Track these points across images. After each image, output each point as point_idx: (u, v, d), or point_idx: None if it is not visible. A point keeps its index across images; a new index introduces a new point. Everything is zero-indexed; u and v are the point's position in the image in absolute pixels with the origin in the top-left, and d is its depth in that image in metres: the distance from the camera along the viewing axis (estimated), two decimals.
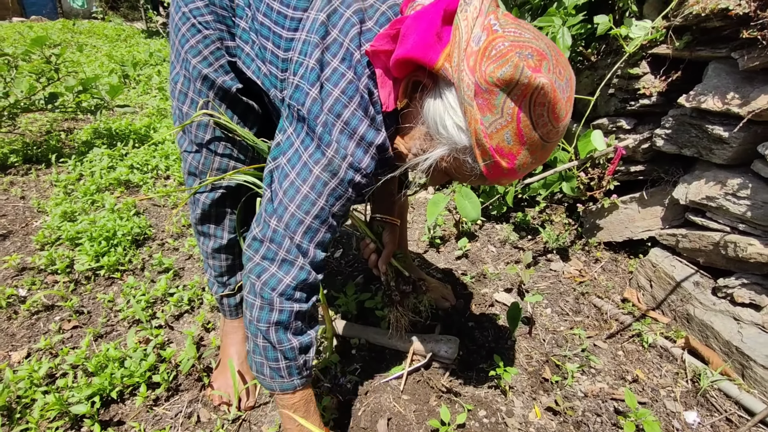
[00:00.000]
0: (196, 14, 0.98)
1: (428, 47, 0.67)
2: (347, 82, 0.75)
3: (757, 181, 1.33)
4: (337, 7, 0.76)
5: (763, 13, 1.21)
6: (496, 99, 0.63)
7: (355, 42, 0.75)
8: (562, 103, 0.64)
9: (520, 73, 0.60)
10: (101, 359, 1.27)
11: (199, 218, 1.19)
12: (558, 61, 0.65)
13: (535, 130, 0.65)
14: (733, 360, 1.32)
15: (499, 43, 0.63)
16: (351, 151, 0.77)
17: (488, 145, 0.67)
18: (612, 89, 1.75)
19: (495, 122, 0.65)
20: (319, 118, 0.76)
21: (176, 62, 1.05)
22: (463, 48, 0.65)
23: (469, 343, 1.43)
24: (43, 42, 2.55)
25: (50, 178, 2.50)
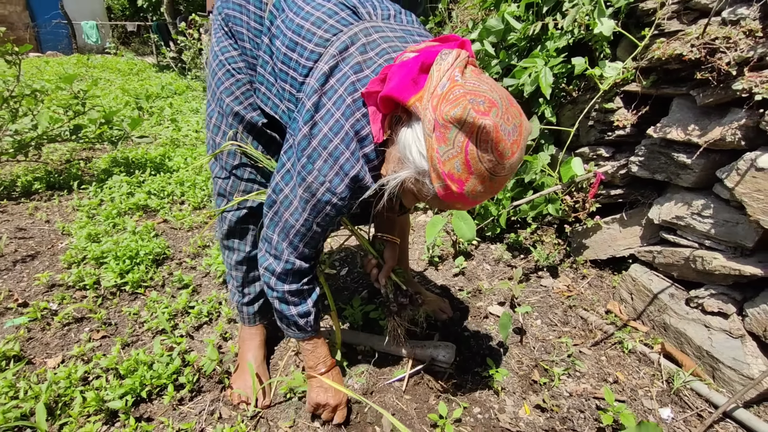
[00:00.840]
0: (231, 62, 1.19)
1: (404, 89, 0.84)
2: (335, 121, 0.93)
3: (718, 202, 1.50)
4: (339, 61, 0.94)
5: (711, 58, 1.41)
6: (449, 133, 0.77)
7: (348, 90, 0.93)
8: (505, 143, 0.77)
9: (467, 113, 0.75)
10: (132, 363, 1.40)
11: (225, 233, 1.36)
12: (507, 110, 0.78)
13: (480, 162, 0.78)
14: (704, 363, 1.45)
15: (457, 89, 0.77)
16: (329, 179, 0.95)
17: (441, 170, 0.80)
18: (591, 121, 1.94)
19: (448, 152, 0.78)
20: (306, 150, 0.95)
21: (212, 101, 1.25)
22: (431, 92, 0.80)
23: (465, 351, 1.56)
24: (72, 79, 2.78)
25: (72, 203, 2.68)
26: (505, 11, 2.03)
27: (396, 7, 1.11)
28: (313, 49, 0.98)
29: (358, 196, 1.00)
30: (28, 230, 2.39)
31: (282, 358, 1.56)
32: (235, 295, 1.45)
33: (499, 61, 2.18)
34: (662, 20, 1.64)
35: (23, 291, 1.88)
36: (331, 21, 0.98)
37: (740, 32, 1.39)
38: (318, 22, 0.99)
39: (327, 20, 0.98)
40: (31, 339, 1.61)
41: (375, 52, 0.96)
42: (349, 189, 0.97)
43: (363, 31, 0.97)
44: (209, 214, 2.66)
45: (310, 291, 1.17)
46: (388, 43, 0.98)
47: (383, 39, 0.98)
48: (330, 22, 0.98)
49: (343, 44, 0.95)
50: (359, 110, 0.93)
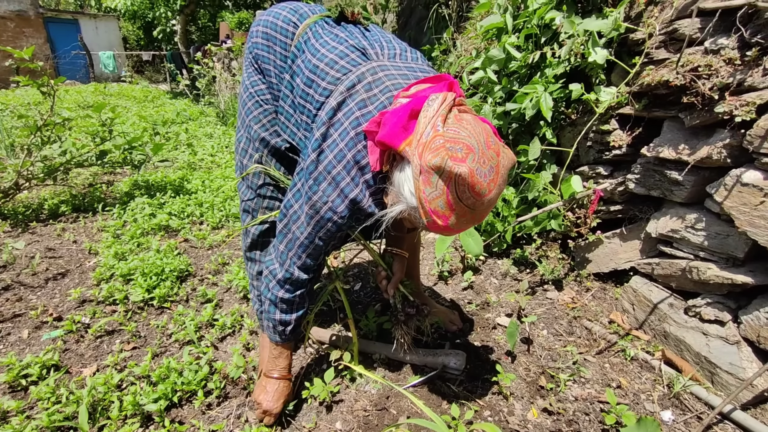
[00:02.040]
0: (259, 94, 1.35)
1: (394, 136, 0.96)
2: (339, 150, 1.06)
3: (709, 216, 1.61)
4: (347, 98, 1.08)
5: (695, 84, 1.54)
6: (432, 178, 0.88)
7: (353, 124, 1.05)
8: (481, 185, 0.88)
9: (445, 163, 0.86)
10: (164, 370, 1.51)
11: (248, 246, 1.48)
12: (484, 154, 0.89)
13: (460, 201, 0.89)
14: (703, 368, 1.52)
15: (437, 140, 0.88)
16: (332, 199, 1.08)
17: (428, 207, 0.91)
18: (590, 142, 2.07)
19: (432, 193, 0.90)
20: (313, 173, 1.09)
21: (241, 127, 1.41)
22: (418, 139, 0.91)
23: (474, 359, 1.65)
24: (101, 108, 2.97)
25: (97, 224, 2.83)
26: (506, 42, 2.19)
27: (402, 45, 1.26)
28: (326, 86, 1.13)
29: (358, 216, 1.13)
30: (57, 250, 2.53)
31: (302, 363, 1.65)
32: (255, 304, 1.57)
33: (502, 87, 2.32)
34: (651, 49, 1.78)
35: (57, 306, 2.01)
36: (343, 62, 1.13)
37: (721, 60, 1.52)
38: (331, 63, 1.14)
39: (339, 61, 1.13)
40: (67, 350, 1.72)
41: (379, 89, 1.09)
42: (348, 209, 1.09)
43: (370, 71, 1.11)
44: (228, 233, 2.79)
45: (300, 306, 1.31)
46: (392, 80, 1.11)
47: (387, 77, 1.11)
48: (341, 63, 1.13)
49: (351, 82, 1.09)
50: (360, 142, 1.07)
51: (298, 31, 1.26)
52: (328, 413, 1.42)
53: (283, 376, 1.39)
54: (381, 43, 1.22)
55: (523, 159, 2.24)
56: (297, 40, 1.25)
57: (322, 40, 1.20)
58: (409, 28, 4.58)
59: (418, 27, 4.24)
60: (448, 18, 3.74)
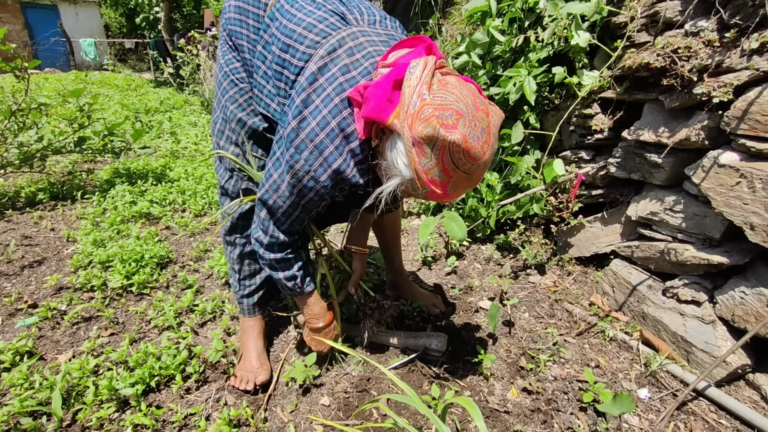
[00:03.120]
0: (234, 72, 1.31)
1: (381, 110, 0.94)
2: (322, 117, 1.02)
3: (688, 198, 1.62)
4: (327, 62, 1.04)
5: (675, 66, 1.55)
6: (426, 149, 0.88)
7: (336, 90, 1.02)
8: (476, 149, 0.88)
9: (437, 132, 0.85)
10: (141, 355, 1.48)
11: (228, 230, 1.46)
12: (474, 117, 0.88)
13: (457, 168, 0.89)
14: (679, 347, 1.55)
15: (426, 109, 0.86)
16: (314, 168, 1.06)
17: (425, 178, 0.91)
18: (572, 126, 2.07)
19: (427, 163, 0.90)
20: (294, 141, 1.05)
21: (217, 108, 1.37)
22: (405, 110, 0.89)
23: (456, 341, 1.65)
24: (79, 93, 2.89)
25: (76, 212, 2.77)
26: (490, 25, 2.17)
27: (381, 13, 1.23)
28: (305, 50, 1.08)
29: (342, 186, 1.11)
30: (34, 238, 2.47)
31: (284, 350, 1.64)
32: (235, 286, 1.55)
33: (486, 71, 2.31)
34: (632, 32, 1.78)
35: (32, 293, 1.96)
36: (321, 26, 1.09)
37: (700, 42, 1.53)
38: (309, 26, 1.09)
39: (317, 25, 1.09)
40: (42, 337, 1.68)
41: (361, 54, 1.06)
42: (331, 179, 1.07)
43: (350, 36, 1.08)
44: (212, 221, 2.75)
45: (295, 259, 1.30)
46: (374, 46, 1.08)
47: (369, 42, 1.08)
48: (320, 27, 1.09)
49: (331, 46, 1.04)
50: (345, 109, 1.03)
51: (270, 0, 1.22)
52: (308, 395, 1.42)
53: (326, 323, 1.41)
54: (360, 9, 1.18)
55: (506, 144, 2.24)
56: (270, 10, 1.21)
57: (298, 5, 1.15)
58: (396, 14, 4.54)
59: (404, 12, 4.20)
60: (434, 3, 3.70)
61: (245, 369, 1.46)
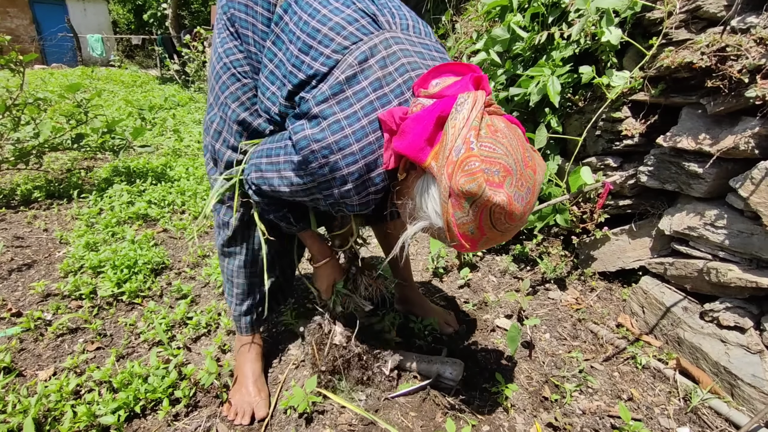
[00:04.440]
0: (236, 65, 1.14)
1: (419, 150, 0.84)
2: (343, 136, 0.89)
3: (732, 212, 1.47)
4: (357, 72, 0.90)
5: (722, 66, 1.39)
6: (464, 203, 0.79)
7: (366, 110, 0.89)
8: (518, 211, 0.80)
9: (482, 192, 0.76)
10: (126, 376, 1.35)
11: (226, 240, 1.32)
12: (522, 174, 0.79)
13: (494, 228, 0.82)
14: (722, 379, 1.39)
15: (473, 161, 0.76)
16: (317, 182, 0.94)
17: (456, 231, 0.83)
18: (598, 131, 1.92)
19: (462, 218, 0.81)
20: (303, 151, 0.91)
21: (215, 105, 1.20)
22: (446, 155, 0.79)
23: (472, 365, 1.51)
24: (77, 89, 2.78)
25: (72, 212, 2.65)
26: (511, 20, 2.02)
27: (413, 16, 1.07)
28: (330, 55, 0.91)
29: (339, 208, 1.00)
30: (26, 239, 2.35)
31: (282, 372, 1.50)
32: (231, 303, 1.41)
33: (505, 70, 2.16)
34: (670, 29, 1.62)
35: (17, 300, 1.84)
36: (351, 28, 0.93)
37: (750, 40, 1.37)
38: (337, 27, 0.93)
39: (347, 27, 0.93)
40: (23, 350, 1.56)
41: (395, 67, 0.93)
42: (333, 199, 0.97)
43: (383, 43, 0.93)
44: (211, 224, 2.62)
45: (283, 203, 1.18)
46: (408, 58, 0.95)
47: (403, 53, 0.95)
48: (350, 29, 0.93)
49: (363, 55, 0.91)
50: (374, 133, 0.90)
51: None
52: (308, 426, 1.28)
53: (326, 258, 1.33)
54: (391, 11, 1.02)
55: None
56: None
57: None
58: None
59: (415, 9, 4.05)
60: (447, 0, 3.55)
61: (241, 397, 1.33)
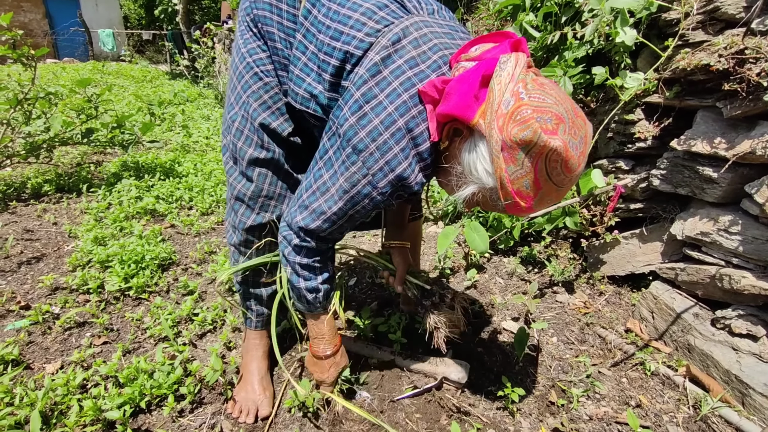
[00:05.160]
0: (259, 64, 1.14)
1: (467, 107, 0.82)
2: (387, 114, 0.88)
3: (747, 218, 1.44)
4: (392, 53, 0.90)
5: (740, 69, 1.36)
6: (518, 155, 0.77)
7: (405, 85, 0.88)
8: (574, 159, 0.77)
9: (537, 137, 0.74)
10: (132, 371, 1.35)
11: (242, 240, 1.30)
12: (574, 123, 0.77)
13: (549, 179, 0.78)
14: (732, 388, 1.37)
15: (524, 109, 0.75)
16: (373, 172, 0.91)
17: (510, 188, 0.80)
18: (610, 133, 1.89)
19: (516, 172, 0.78)
20: (352, 140, 0.90)
21: (236, 104, 1.19)
22: (495, 110, 0.78)
23: (478, 367, 1.49)
24: (87, 83, 2.79)
25: (81, 206, 2.66)
26: (523, 20, 2.00)
27: (436, 2, 1.09)
28: (363, 38, 0.92)
29: (400, 193, 0.97)
30: (35, 232, 2.37)
31: (288, 369, 1.50)
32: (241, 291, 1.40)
33: None
34: (686, 30, 1.59)
35: (26, 293, 1.85)
36: (381, 13, 0.94)
37: None
38: (368, 12, 0.94)
39: (377, 12, 0.94)
40: (31, 343, 1.57)
41: (428, 46, 0.93)
42: (391, 185, 0.93)
43: (413, 25, 0.94)
44: (217, 221, 2.63)
45: (321, 269, 1.14)
46: (439, 39, 0.95)
47: (433, 34, 0.95)
48: (380, 14, 0.94)
49: (395, 36, 0.91)
50: (416, 107, 0.89)
51: None
52: (313, 426, 1.27)
53: (334, 350, 1.24)
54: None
55: None
56: None
57: None
58: None
59: None
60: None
61: (246, 394, 1.32)
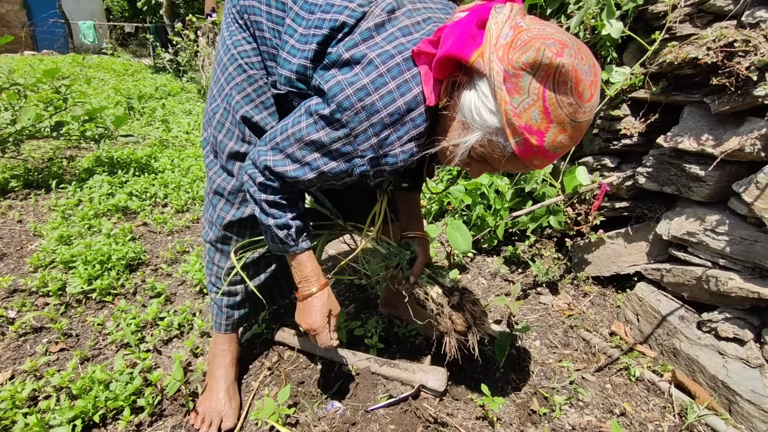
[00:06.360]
0: (244, 56, 1.08)
1: (463, 45, 0.77)
2: (378, 74, 0.82)
3: (734, 218, 1.39)
4: (385, 21, 0.86)
5: (729, 63, 1.31)
6: (523, 81, 0.71)
7: (398, 48, 0.84)
8: (584, 83, 0.70)
9: (542, 55, 0.68)
10: (86, 381, 1.26)
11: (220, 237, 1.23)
12: (580, 50, 0.71)
13: (560, 107, 0.71)
14: (719, 394, 1.32)
15: (524, 34, 0.72)
16: (356, 133, 0.84)
17: (517, 123, 0.73)
18: (596, 129, 1.84)
19: (522, 102, 0.72)
20: (337, 96, 0.83)
21: (218, 96, 1.14)
22: (493, 44, 0.74)
23: (457, 374, 1.43)
24: (54, 74, 2.66)
25: (49, 203, 2.54)
26: None
27: None
28: (356, 8, 0.88)
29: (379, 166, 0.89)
30: None
31: (257, 377, 1.42)
32: (212, 288, 1.31)
33: None
34: (673, 23, 1.54)
35: None
36: None
37: (760, 35, 1.29)
38: None
39: None
40: None
41: (422, 17, 0.89)
42: (372, 150, 0.86)
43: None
44: (193, 218, 2.52)
45: (289, 206, 1.04)
46: (433, 13, 0.92)
47: (427, 9, 0.92)
48: None
49: (389, 6, 0.87)
50: (409, 70, 0.83)
51: None
52: None
53: (320, 287, 1.11)
54: None
55: None
56: None
57: None
58: None
59: None
60: None
61: (210, 404, 1.24)
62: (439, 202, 2.47)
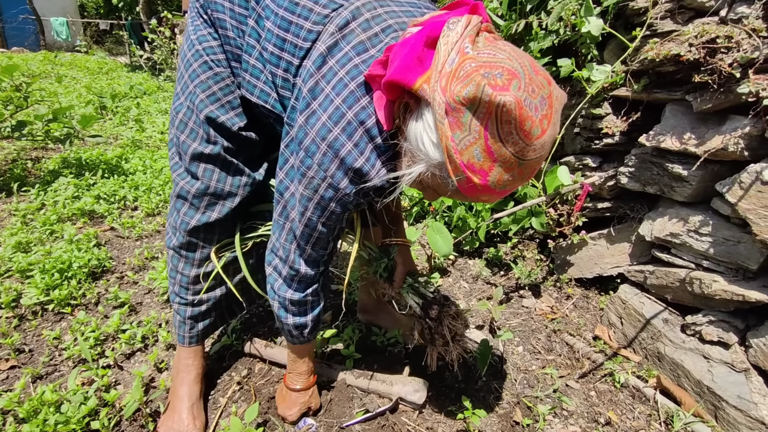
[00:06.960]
0: (209, 53, 1.02)
1: (408, 70, 0.70)
2: (334, 108, 0.79)
3: (717, 218, 1.36)
4: (339, 40, 0.80)
5: (711, 59, 1.28)
6: (464, 117, 0.64)
7: (352, 74, 0.79)
8: (532, 120, 0.63)
9: (482, 91, 0.61)
10: (35, 403, 1.16)
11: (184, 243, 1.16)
12: (532, 80, 0.64)
13: (504, 147, 0.65)
14: (705, 400, 1.29)
15: (468, 63, 0.65)
16: (331, 173, 0.82)
17: (459, 160, 0.67)
18: (577, 128, 1.80)
19: (464, 139, 0.66)
20: (303, 143, 0.83)
21: (182, 94, 1.07)
22: (439, 70, 0.67)
23: (437, 384, 1.37)
24: (13, 70, 2.51)
25: (9, 207, 2.40)
26: (487, 7, 1.88)
27: None
28: (311, 28, 0.84)
29: (366, 191, 0.86)
30: None
31: (225, 393, 1.33)
32: (177, 304, 1.22)
33: None
34: (654, 20, 1.50)
35: None
36: None
37: (743, 31, 1.26)
38: None
39: None
40: None
41: (380, 27, 0.81)
42: (353, 183, 0.84)
43: (366, 5, 0.82)
44: (162, 222, 2.41)
45: (312, 305, 1.07)
46: (395, 19, 0.83)
47: (389, 14, 0.83)
48: None
49: (343, 20, 0.81)
50: (365, 96, 0.79)
51: None
52: None
53: (305, 386, 1.20)
54: None
55: None
56: None
57: None
58: None
59: None
60: None
61: (173, 425, 1.15)
62: (420, 204, 2.41)
